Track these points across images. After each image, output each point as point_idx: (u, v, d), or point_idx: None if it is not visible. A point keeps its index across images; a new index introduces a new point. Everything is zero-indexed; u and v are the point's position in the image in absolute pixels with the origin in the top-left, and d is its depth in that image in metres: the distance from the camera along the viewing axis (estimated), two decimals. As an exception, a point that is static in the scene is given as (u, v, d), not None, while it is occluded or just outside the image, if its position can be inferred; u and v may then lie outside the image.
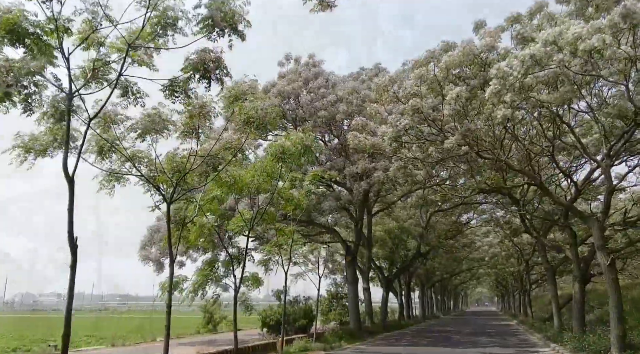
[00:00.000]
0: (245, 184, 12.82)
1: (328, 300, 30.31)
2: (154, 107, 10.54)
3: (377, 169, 20.32)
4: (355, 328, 25.14)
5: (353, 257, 26.56)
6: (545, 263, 22.91)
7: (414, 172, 17.43)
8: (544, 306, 49.39)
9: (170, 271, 10.68)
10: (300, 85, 21.84)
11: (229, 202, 14.91)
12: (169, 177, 10.79)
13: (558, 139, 16.67)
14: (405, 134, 13.60)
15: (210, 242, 14.71)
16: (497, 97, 11.02)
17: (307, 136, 13.51)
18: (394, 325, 33.09)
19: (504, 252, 44.76)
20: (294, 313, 21.68)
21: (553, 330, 22.58)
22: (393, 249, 34.93)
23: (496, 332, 30.26)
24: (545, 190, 15.79)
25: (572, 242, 17.95)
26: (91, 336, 31.52)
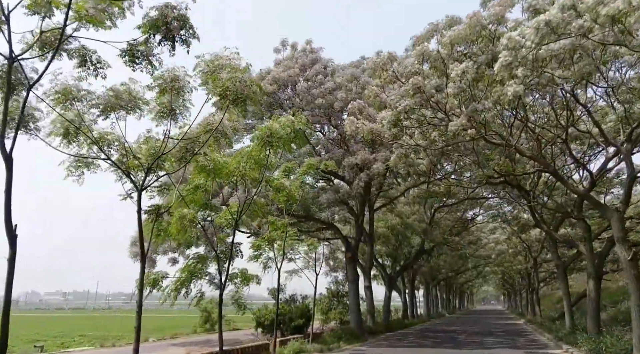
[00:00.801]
0: (229, 172, 11.68)
1: (328, 299, 29.18)
2: (122, 83, 9.42)
3: (378, 160, 19.15)
4: (356, 328, 24.00)
5: (353, 254, 25.41)
6: (556, 259, 21.65)
7: (416, 161, 16.23)
8: (551, 305, 48.13)
9: (142, 266, 9.57)
10: (296, 72, 20.68)
11: (218, 193, 13.78)
12: (140, 162, 9.67)
13: (572, 125, 15.46)
14: (406, 117, 12.42)
15: (196, 236, 13.57)
16: (507, 71, 9.83)
17: (299, 119, 12.36)
18: (397, 324, 31.90)
19: (511, 250, 43.47)
20: (290, 313, 20.55)
21: (564, 330, 21.33)
22: (396, 246, 33.76)
23: (503, 332, 29.02)
24: (560, 178, 14.56)
25: (586, 236, 16.70)
26: (85, 336, 30.84)
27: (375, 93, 13.52)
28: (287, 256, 18.00)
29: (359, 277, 25.97)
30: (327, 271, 36.56)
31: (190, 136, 10.76)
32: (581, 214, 16.54)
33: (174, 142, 10.84)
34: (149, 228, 12.29)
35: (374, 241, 29.05)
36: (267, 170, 13.06)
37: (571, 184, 15.39)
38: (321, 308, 28.94)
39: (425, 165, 16.15)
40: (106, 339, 28.58)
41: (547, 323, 30.40)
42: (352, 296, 24.92)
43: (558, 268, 21.70)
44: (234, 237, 12.88)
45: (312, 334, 19.05)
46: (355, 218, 25.77)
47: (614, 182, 22.31)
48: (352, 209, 25.74)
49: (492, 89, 12.40)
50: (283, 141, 11.47)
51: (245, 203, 12.76)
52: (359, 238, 25.79)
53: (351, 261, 25.33)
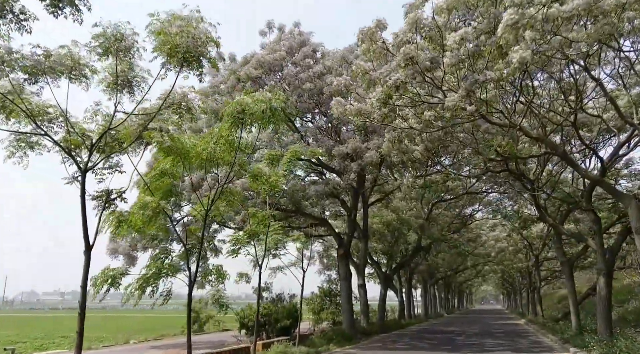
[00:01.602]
0: (197, 154, 10.28)
1: (320, 298, 27.77)
2: (62, 46, 8.02)
3: (370, 148, 17.76)
4: (348, 329, 22.61)
5: (346, 250, 24.02)
6: (561, 256, 20.27)
7: (410, 148, 14.83)
8: (553, 304, 46.77)
9: (86, 261, 8.19)
10: (283, 55, 19.26)
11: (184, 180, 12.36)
12: (82, 139, 8.27)
13: (580, 109, 14.09)
14: (398, 95, 11.03)
15: (165, 228, 12.14)
16: (513, 32, 8.47)
17: (276, 96, 10.96)
18: (393, 325, 30.53)
19: (511, 247, 42.10)
20: (275, 313, 19.13)
21: (570, 331, 19.96)
22: (392, 243, 32.38)
23: (504, 333, 27.65)
24: (570, 161, 13.18)
25: (595, 229, 15.32)
26: (68, 337, 29.64)
27: (364, 70, 12.10)
28: (270, 251, 16.66)
29: (352, 275, 24.59)
30: (320, 269, 35.26)
31: (149, 112, 9.35)
32: (590, 205, 15.16)
33: (129, 119, 9.45)
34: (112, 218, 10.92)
35: (369, 237, 27.66)
36: (241, 153, 11.67)
37: (583, 169, 13.99)
38: (313, 308, 27.56)
39: (421, 152, 14.74)
40: (86, 341, 27.32)
41: (550, 323, 29.02)
42: (345, 295, 23.53)
43: (563, 265, 20.32)
44: (203, 230, 11.47)
45: (299, 336, 17.64)
46: (348, 213, 24.37)
47: (622, 174, 20.94)
48: (344, 203, 24.36)
49: (494, 65, 11.06)
50: (257, 119, 10.06)
51: (218, 191, 11.35)
52: (351, 234, 24.41)
53: (343, 258, 23.93)
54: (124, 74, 8.83)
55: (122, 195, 9.08)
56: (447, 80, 11.59)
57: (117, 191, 9.25)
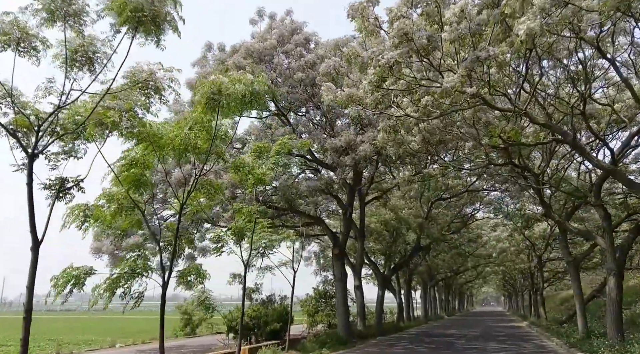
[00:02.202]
0: (168, 141, 9.30)
1: (315, 300, 26.79)
2: (6, 12, 7.04)
3: (365, 141, 16.76)
4: (343, 332, 21.59)
5: (341, 250, 23.00)
6: (567, 255, 19.23)
7: (406, 139, 13.84)
8: (555, 307, 45.71)
9: (33, 257, 7.19)
10: (273, 43, 18.28)
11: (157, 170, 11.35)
12: (37, 120, 7.28)
13: (589, 97, 13.12)
14: (391, 75, 10.03)
15: (137, 223, 11.12)
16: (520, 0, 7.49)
17: (259, 78, 9.99)
18: (391, 328, 29.52)
19: (513, 248, 41.05)
20: (265, 315, 18.12)
21: (577, 335, 18.94)
22: (390, 242, 31.35)
23: (506, 336, 26.61)
24: (581, 149, 12.19)
25: (605, 226, 14.31)
26: (54, 340, 28.80)
27: (356, 52, 11.11)
28: (259, 250, 15.69)
29: (347, 276, 23.60)
30: (317, 270, 34.24)
31: (113, 92, 8.35)
32: (600, 200, 14.16)
33: (94, 101, 8.45)
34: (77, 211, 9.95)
35: (365, 236, 26.66)
36: (222, 142, 10.68)
37: (594, 157, 12.97)
38: (307, 310, 26.60)
39: (418, 143, 13.74)
40: (71, 344, 26.44)
41: (554, 326, 27.99)
42: (340, 297, 22.51)
43: (569, 265, 19.29)
44: (178, 225, 10.47)
45: (290, 340, 16.66)
46: (343, 210, 23.37)
47: (630, 169, 19.92)
48: (339, 201, 23.35)
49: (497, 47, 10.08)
50: (234, 101, 9.06)
51: (194, 182, 10.36)
52: (347, 233, 23.39)
53: (339, 258, 22.92)
54: (83, 49, 7.84)
55: (80, 184, 8.08)
56: (445, 63, 10.60)
57: (73, 179, 8.24)
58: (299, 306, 27.63)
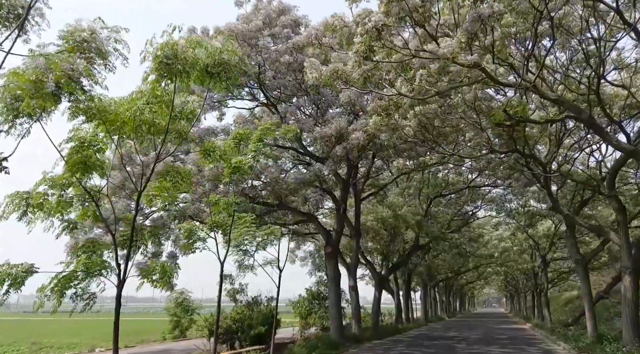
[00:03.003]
0: (117, 116, 7.99)
1: (308, 301, 25.45)
2: None
3: (357, 129, 15.44)
4: (336, 335, 20.26)
5: (334, 248, 21.66)
6: (575, 254, 17.86)
7: (401, 123, 12.52)
8: (559, 308, 44.12)
9: None
10: (259, 25, 16.97)
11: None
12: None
13: (603, 77, 11.80)
14: (380, 45, 8.72)
15: (94, 215, 9.80)
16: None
17: (229, 45, 8.68)
18: (388, 330, 28.16)
19: (515, 247, 39.77)
20: (249, 318, 16.78)
21: (586, 339, 17.57)
22: (387, 241, 30.02)
23: (509, 339, 25.23)
24: (598, 127, 10.85)
25: (620, 220, 12.97)
26: (38, 343, 27.74)
27: (341, 21, 9.81)
28: (240, 248, 14.38)
29: (341, 276, 22.27)
30: (311, 270, 32.88)
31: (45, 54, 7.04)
32: (614, 190, 12.83)
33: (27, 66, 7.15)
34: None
35: (361, 235, 25.33)
36: (186, 122, 9.35)
37: (613, 137, 11.62)
38: (300, 312, 25.25)
39: (413, 128, 12.43)
40: (53, 348, 25.25)
41: (559, 328, 26.63)
42: (333, 298, 21.19)
43: (577, 263, 17.93)
44: (135, 216, 9.14)
45: (277, 345, 15.33)
46: (336, 206, 22.04)
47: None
48: (332, 195, 22.01)
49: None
50: (193, 68, 7.74)
51: (153, 167, 9.02)
52: (340, 230, 22.07)
53: (332, 257, 21.59)
54: (8, 3, 6.55)
55: (2, 163, 6.76)
56: (443, 31, 9.27)
57: (-5, 157, 6.92)
58: (291, 307, 26.29)
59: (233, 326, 16.49)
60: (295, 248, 35.62)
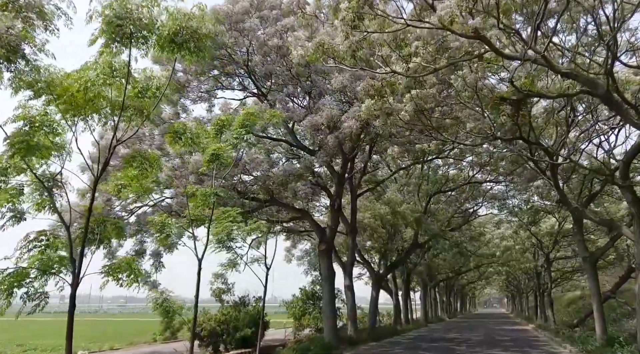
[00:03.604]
0: (65, 89, 6.94)
1: (302, 301, 24.40)
2: None
3: (349, 117, 14.39)
4: (330, 337, 19.17)
5: (328, 245, 20.59)
6: (583, 250, 16.79)
7: (395, 106, 11.46)
8: (562, 309, 43.00)
9: None
10: (246, 7, 15.93)
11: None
12: None
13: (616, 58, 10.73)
14: (370, 11, 7.66)
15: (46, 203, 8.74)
16: None
17: (200, 8, 7.64)
18: (386, 332, 27.06)
19: (518, 246, 38.62)
20: (235, 320, 15.71)
21: (595, 341, 16.51)
22: (386, 240, 28.98)
23: (512, 340, 24.17)
24: (616, 104, 9.77)
25: (634, 212, 11.90)
26: (23, 345, 26.91)
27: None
28: (223, 243, 13.35)
29: (336, 274, 21.20)
30: (307, 269, 31.83)
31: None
32: (629, 180, 11.77)
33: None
34: None
35: (357, 232, 24.28)
36: (150, 100, 8.29)
37: (632, 114, 10.51)
38: (294, 313, 24.21)
39: (409, 112, 11.37)
40: (37, 351, 24.30)
41: (564, 330, 25.57)
42: (326, 298, 20.11)
43: (585, 261, 16.86)
44: (90, 206, 8.07)
45: (265, 348, 14.30)
46: (331, 202, 20.99)
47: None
48: (326, 189, 20.98)
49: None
50: (151, 32, 6.69)
51: (110, 151, 7.95)
52: (335, 227, 21.01)
53: (325, 255, 20.51)
54: None
55: None
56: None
57: None
58: (284, 308, 25.25)
59: (218, 328, 15.44)
60: (291, 247, 34.62)
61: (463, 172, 28.82)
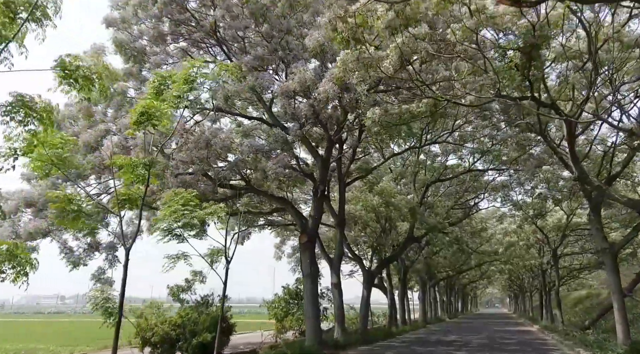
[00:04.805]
0: None
1: (285, 301, 22.07)
2: None
3: (325, 78, 12.07)
4: (313, 341, 16.87)
5: (311, 237, 18.28)
6: (602, 241, 14.41)
7: (376, 56, 9.14)
8: (567, 309, 40.62)
9: None
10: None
11: None
12: None
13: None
14: None
15: None
16: None
17: None
18: (379, 334, 24.71)
19: (522, 242, 36.28)
20: (193, 323, 13.36)
21: (616, 347, 14.15)
22: (379, 234, 26.66)
23: (517, 344, 21.82)
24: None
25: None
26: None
27: None
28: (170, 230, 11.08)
29: (319, 270, 18.93)
30: (294, 266, 29.56)
31: None
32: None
33: None
34: None
35: (345, 224, 21.97)
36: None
37: None
38: (275, 313, 21.87)
39: (394, 63, 9.05)
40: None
41: (574, 332, 23.22)
42: (309, 297, 17.79)
43: (604, 254, 14.48)
44: None
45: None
46: (314, 188, 18.66)
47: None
48: (311, 177, 18.65)
49: None
50: None
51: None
52: (318, 216, 18.70)
53: (307, 248, 18.20)
54: None
55: None
56: None
57: None
58: (266, 308, 22.93)
59: (172, 333, 13.10)
60: (281, 243, 32.34)
61: (463, 160, 26.62)
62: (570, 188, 19.01)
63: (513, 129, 19.54)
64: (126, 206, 9.49)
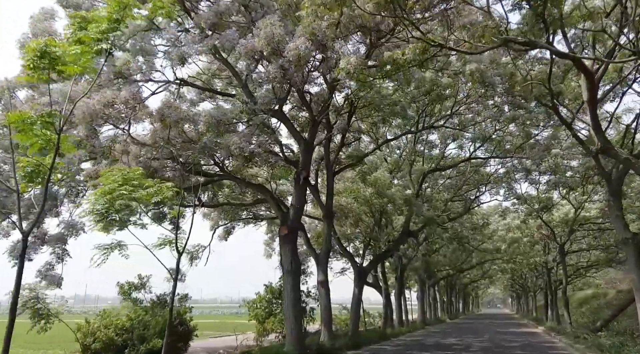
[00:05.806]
0: None
1: (267, 301, 20.09)
2: None
3: (295, 34, 10.08)
4: (294, 346, 14.91)
5: (292, 229, 16.30)
6: (623, 230, 12.38)
7: None
8: (574, 309, 38.61)
9: None
10: None
11: None
12: None
13: None
14: None
15: None
16: None
17: None
18: (372, 337, 22.67)
19: (526, 238, 34.26)
20: (143, 327, 11.36)
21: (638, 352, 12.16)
22: (371, 227, 24.70)
23: (523, 347, 19.79)
24: None
25: None
26: None
27: None
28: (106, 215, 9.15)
29: (301, 266, 16.96)
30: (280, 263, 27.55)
31: None
32: None
33: None
34: None
35: (333, 216, 20.00)
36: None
37: None
38: (257, 314, 19.91)
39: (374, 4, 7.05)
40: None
41: (585, 334, 21.22)
42: (289, 296, 15.80)
43: (626, 245, 12.45)
44: None
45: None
46: (296, 174, 16.68)
47: None
48: (289, 160, 16.68)
49: None
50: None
51: None
52: (300, 205, 16.70)
53: (288, 241, 16.23)
54: None
55: None
56: None
57: None
58: (247, 308, 20.95)
59: (118, 338, 11.13)
60: (270, 240, 30.34)
61: (463, 150, 24.71)
62: (583, 173, 16.99)
63: (517, 110, 17.67)
64: (36, 181, 7.55)
